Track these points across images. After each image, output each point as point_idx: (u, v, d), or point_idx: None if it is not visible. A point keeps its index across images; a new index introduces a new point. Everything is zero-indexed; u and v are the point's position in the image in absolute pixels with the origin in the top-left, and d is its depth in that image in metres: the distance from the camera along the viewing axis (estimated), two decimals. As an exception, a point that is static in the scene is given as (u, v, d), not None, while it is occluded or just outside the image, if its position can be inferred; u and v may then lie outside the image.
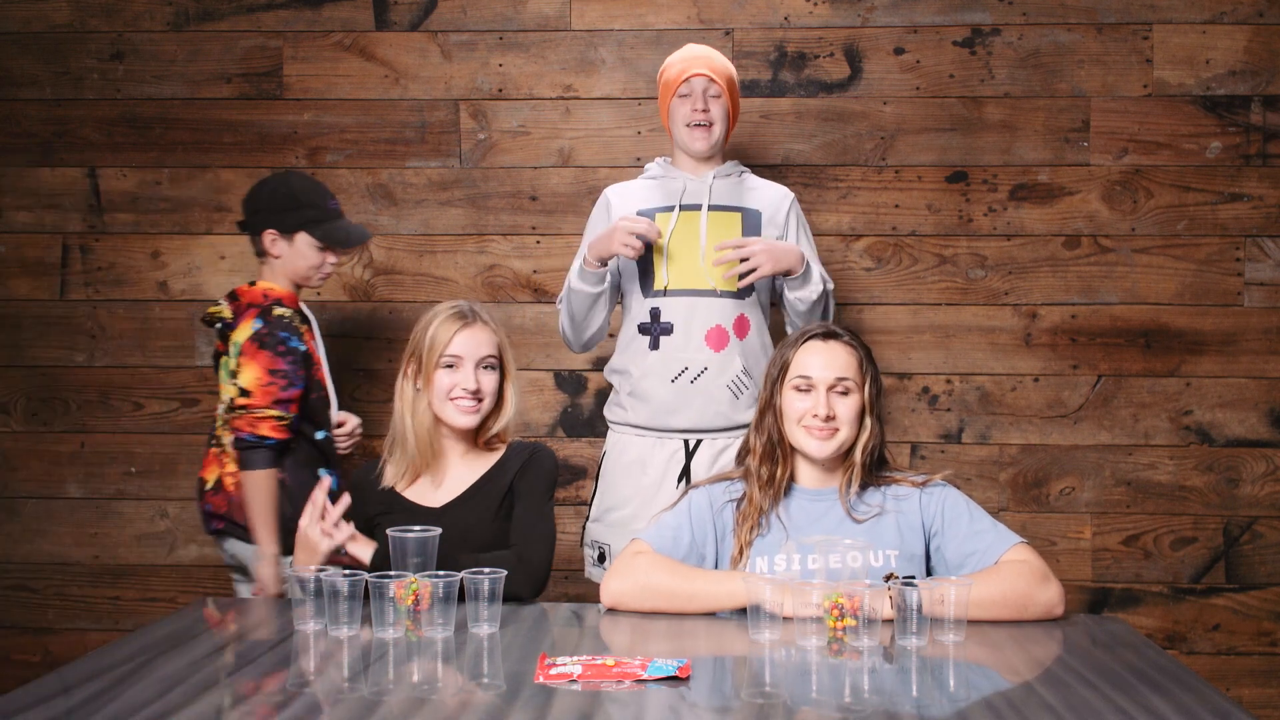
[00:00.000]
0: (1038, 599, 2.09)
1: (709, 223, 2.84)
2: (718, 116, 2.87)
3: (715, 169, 2.91)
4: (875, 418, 2.26)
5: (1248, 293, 3.38)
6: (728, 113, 2.89)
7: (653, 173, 2.97)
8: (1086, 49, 3.39)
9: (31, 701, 1.68)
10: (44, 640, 3.55)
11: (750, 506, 2.24)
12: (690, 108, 2.85)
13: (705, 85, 2.85)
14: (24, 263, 3.55)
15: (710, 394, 2.81)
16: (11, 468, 3.55)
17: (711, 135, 2.87)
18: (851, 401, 2.23)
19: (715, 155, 2.92)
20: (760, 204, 2.90)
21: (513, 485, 2.40)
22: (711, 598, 2.12)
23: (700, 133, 2.86)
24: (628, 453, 2.89)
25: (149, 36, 3.52)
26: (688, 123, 2.86)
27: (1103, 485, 3.40)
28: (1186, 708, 1.66)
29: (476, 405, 2.39)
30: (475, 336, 2.40)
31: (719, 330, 2.81)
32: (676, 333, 2.82)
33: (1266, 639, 3.39)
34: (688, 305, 2.82)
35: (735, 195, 2.91)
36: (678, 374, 2.81)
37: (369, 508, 2.42)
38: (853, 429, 2.24)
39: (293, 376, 2.76)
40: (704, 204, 2.86)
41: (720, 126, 2.88)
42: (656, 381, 2.83)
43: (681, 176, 2.91)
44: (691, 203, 2.87)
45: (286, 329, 2.80)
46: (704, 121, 2.85)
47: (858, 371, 2.25)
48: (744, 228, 2.86)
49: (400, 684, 1.77)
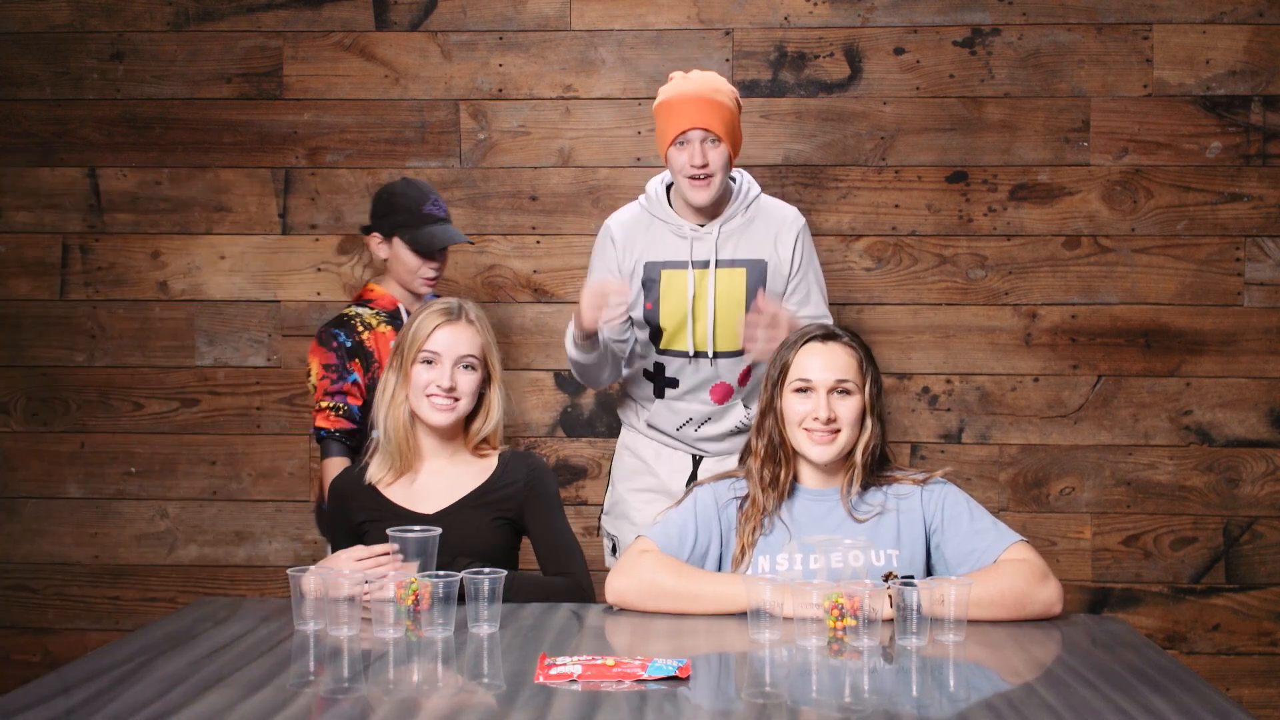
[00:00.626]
0: (1037, 598, 2.09)
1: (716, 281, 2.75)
2: (717, 166, 2.69)
3: (722, 217, 2.77)
4: (876, 418, 2.26)
5: (1248, 293, 3.38)
6: (728, 157, 2.72)
7: (654, 209, 2.82)
8: (1086, 49, 3.39)
9: (31, 701, 1.68)
10: (44, 640, 3.55)
11: (753, 508, 2.23)
12: (688, 160, 2.67)
13: (703, 136, 2.67)
14: (24, 263, 3.55)
15: (715, 435, 2.85)
16: (11, 468, 3.56)
17: (711, 186, 2.70)
18: (852, 403, 2.23)
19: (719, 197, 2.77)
20: (765, 249, 2.78)
21: (515, 503, 2.39)
22: (715, 599, 2.12)
23: (700, 186, 2.70)
24: (639, 451, 2.91)
25: (149, 36, 3.52)
26: (686, 175, 2.69)
27: (1103, 485, 3.40)
28: (1186, 708, 1.66)
29: (452, 404, 2.35)
30: (457, 335, 2.37)
31: (722, 386, 2.81)
32: (681, 388, 2.82)
33: (1266, 639, 3.39)
34: (693, 368, 2.80)
35: (742, 244, 2.77)
36: (682, 424, 2.84)
37: (356, 514, 2.39)
38: (854, 431, 2.23)
39: (340, 370, 2.83)
40: (712, 260, 2.75)
41: (721, 176, 2.71)
42: (663, 423, 2.87)
43: (685, 229, 2.77)
44: (700, 259, 2.76)
45: (341, 325, 2.87)
46: (702, 175, 2.68)
47: (858, 373, 2.24)
48: (749, 283, 2.75)
49: (400, 684, 1.77)
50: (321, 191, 3.50)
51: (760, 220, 2.80)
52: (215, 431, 3.52)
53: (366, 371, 2.86)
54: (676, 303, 2.75)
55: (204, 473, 3.52)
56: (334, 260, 3.50)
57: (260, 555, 3.52)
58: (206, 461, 3.52)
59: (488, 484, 2.39)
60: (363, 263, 3.47)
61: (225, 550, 3.53)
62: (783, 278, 2.80)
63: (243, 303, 3.52)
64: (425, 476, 2.41)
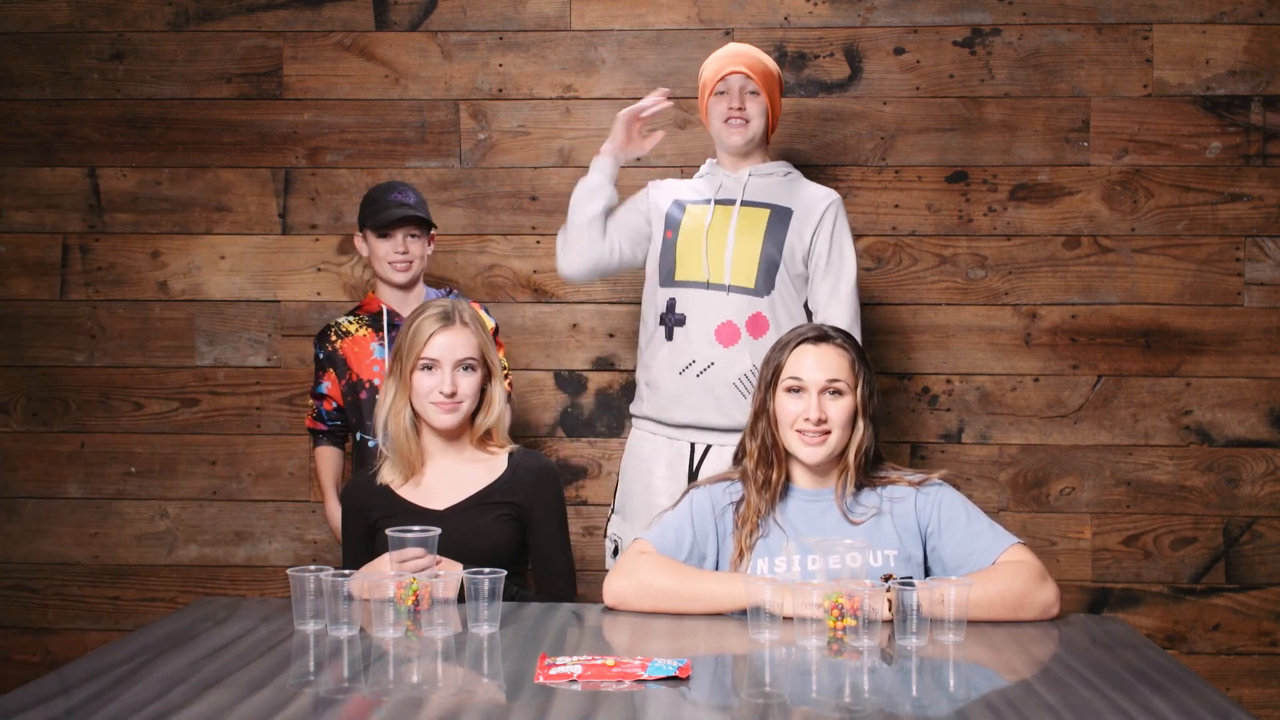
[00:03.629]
0: (1034, 599, 2.09)
1: (741, 221, 2.86)
2: (755, 113, 2.88)
3: (753, 166, 2.94)
4: (868, 420, 2.25)
5: (1248, 293, 3.38)
6: (766, 110, 2.90)
7: (700, 172, 3.02)
8: (1086, 49, 3.39)
9: (31, 701, 1.68)
10: (44, 640, 3.55)
11: (748, 510, 2.24)
12: (726, 105, 2.88)
13: (742, 83, 2.87)
14: (24, 263, 3.55)
15: (714, 391, 2.81)
16: (11, 468, 3.56)
17: (748, 131, 2.88)
18: (844, 404, 2.23)
19: (755, 152, 2.94)
20: (796, 203, 2.89)
21: (523, 504, 2.42)
22: (713, 599, 2.12)
23: (737, 128, 2.88)
24: (641, 450, 2.92)
25: (149, 36, 3.52)
26: (724, 119, 2.89)
27: (1103, 485, 3.40)
28: (1186, 708, 1.66)
29: (455, 406, 2.40)
30: (453, 339, 2.41)
31: (729, 326, 2.81)
32: (689, 324, 2.83)
33: (1266, 639, 3.39)
34: (702, 298, 2.83)
35: (772, 193, 2.91)
36: (685, 366, 2.82)
37: (370, 513, 2.43)
38: (845, 432, 2.23)
39: (316, 377, 3.11)
40: (737, 199, 2.88)
41: (758, 122, 2.89)
42: (665, 372, 2.85)
43: (720, 174, 2.94)
44: (726, 197, 2.90)
45: (321, 336, 3.10)
46: (740, 119, 2.87)
47: (850, 373, 2.24)
48: (770, 224, 2.86)
49: (400, 684, 1.77)
50: (321, 191, 3.50)
51: (796, 183, 2.97)
52: (215, 431, 3.52)
53: (341, 378, 3.06)
54: (694, 230, 2.87)
55: (204, 473, 3.53)
56: (334, 260, 3.50)
57: (260, 555, 3.52)
58: (206, 461, 3.52)
59: (497, 482, 2.43)
60: (362, 263, 3.48)
61: (225, 550, 3.53)
62: (807, 237, 2.87)
63: (243, 303, 3.52)
64: (434, 474, 2.45)
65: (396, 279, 3.02)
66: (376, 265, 3.04)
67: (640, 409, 2.95)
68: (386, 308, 3.05)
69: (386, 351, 2.99)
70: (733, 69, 2.88)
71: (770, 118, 2.93)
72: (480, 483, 2.43)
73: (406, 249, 3.00)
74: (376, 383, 3.00)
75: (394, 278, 3.02)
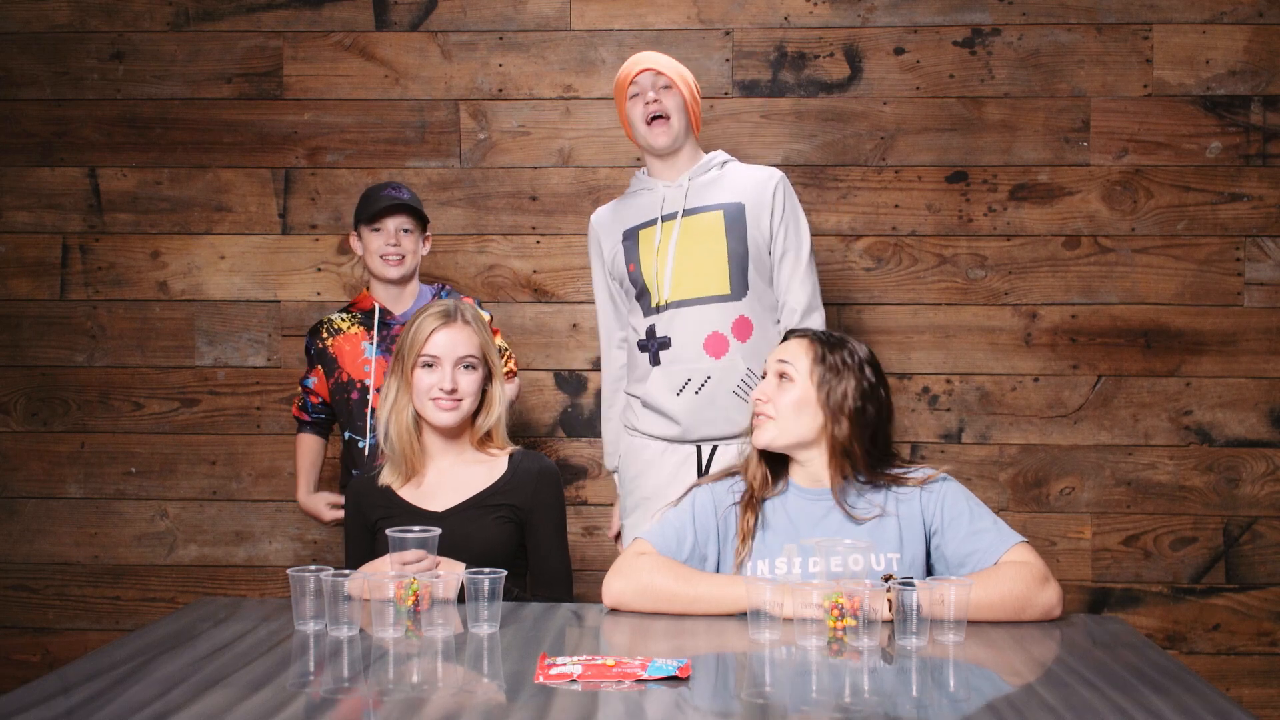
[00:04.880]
0: (1036, 602, 2.09)
1: (688, 228, 2.79)
2: (673, 108, 2.80)
3: (691, 169, 2.85)
4: (847, 417, 2.22)
5: (1248, 293, 3.38)
6: (684, 105, 2.82)
7: (632, 188, 2.93)
8: (1086, 49, 3.39)
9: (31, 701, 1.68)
10: (44, 640, 3.55)
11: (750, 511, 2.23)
12: (642, 104, 2.80)
13: (652, 79, 2.81)
14: (24, 263, 3.55)
15: (718, 403, 2.78)
16: (11, 468, 3.56)
17: (671, 128, 2.80)
18: (790, 390, 2.21)
19: (684, 150, 2.85)
20: (743, 195, 2.82)
21: (523, 505, 2.41)
22: (713, 602, 2.12)
23: (659, 126, 2.80)
24: (644, 454, 2.87)
25: (149, 36, 3.52)
26: (644, 119, 2.81)
27: (1103, 485, 3.40)
28: (1186, 708, 1.66)
29: (455, 404, 2.39)
30: (453, 337, 2.40)
31: (716, 336, 2.78)
32: (675, 345, 2.79)
33: (1266, 639, 3.39)
34: (682, 316, 2.78)
35: (716, 192, 2.83)
36: (681, 386, 2.79)
37: (371, 512, 2.43)
38: (796, 420, 2.21)
39: (306, 370, 3.12)
40: (680, 210, 2.80)
41: (679, 118, 2.80)
42: (664, 396, 2.80)
43: (659, 186, 2.86)
44: (670, 211, 2.82)
45: (313, 332, 3.10)
46: (659, 113, 2.79)
47: (811, 361, 2.23)
48: (727, 225, 2.79)
49: (400, 684, 1.77)
50: (321, 191, 3.50)
51: (736, 173, 2.89)
52: (215, 431, 3.52)
53: (330, 376, 3.06)
54: (653, 252, 2.81)
55: (204, 473, 3.53)
56: (334, 260, 3.50)
57: (260, 555, 3.52)
58: (206, 461, 3.52)
59: (497, 484, 2.42)
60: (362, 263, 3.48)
61: (225, 550, 3.53)
62: (765, 225, 2.82)
63: (243, 303, 3.52)
64: (435, 475, 2.44)
65: (389, 273, 2.99)
66: (369, 260, 3.02)
67: (642, 426, 2.87)
68: (379, 305, 3.03)
69: (377, 351, 2.99)
70: (641, 67, 2.83)
71: (690, 115, 2.84)
72: (481, 484, 2.42)
73: (398, 241, 2.98)
74: (368, 383, 2.99)
75: (386, 272, 2.99)
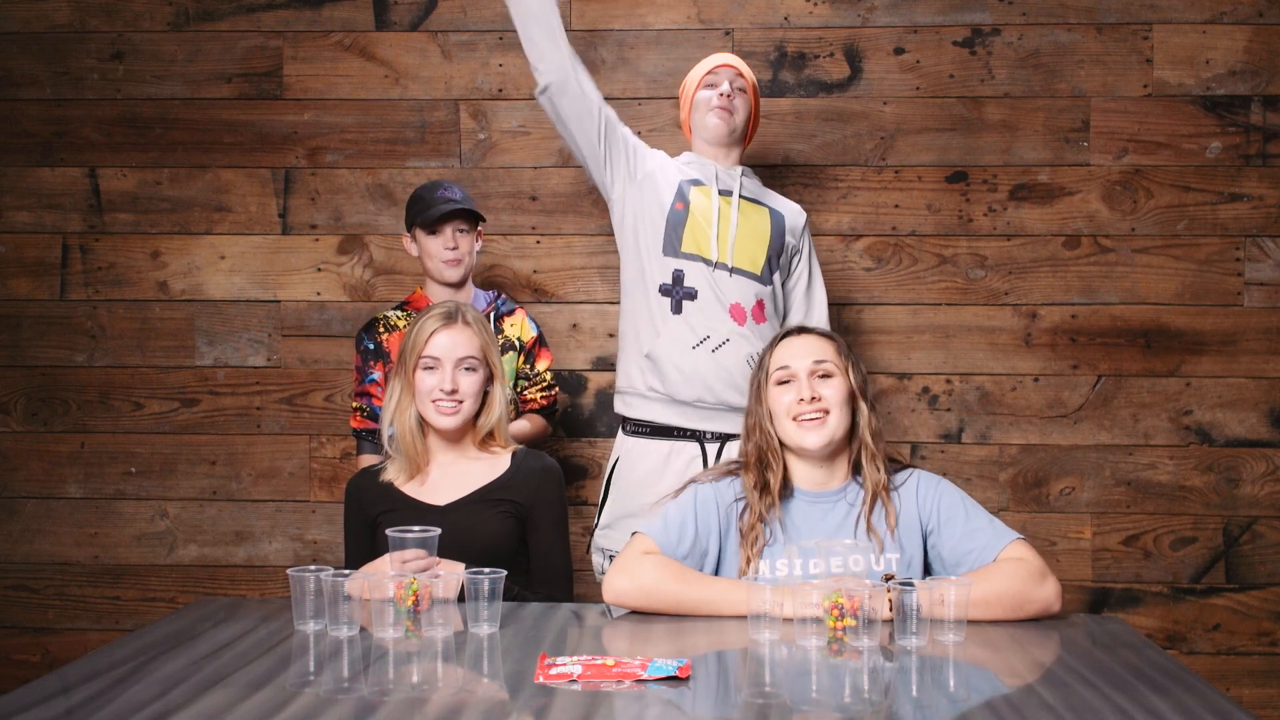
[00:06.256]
0: (1035, 598, 2.09)
1: (744, 209, 2.88)
2: (739, 107, 2.89)
3: (742, 166, 2.94)
4: (869, 404, 2.26)
5: (1248, 293, 3.38)
6: (749, 112, 2.92)
7: (686, 158, 2.96)
8: (1086, 49, 3.39)
9: (31, 701, 1.68)
10: (44, 640, 3.55)
11: (751, 516, 2.23)
12: (716, 93, 2.87)
13: (732, 77, 2.88)
14: (24, 263, 3.55)
15: (728, 367, 2.76)
16: (11, 468, 3.55)
17: (733, 120, 2.87)
18: (836, 384, 2.24)
19: (731, 151, 2.92)
20: (784, 210, 2.95)
21: (524, 502, 2.42)
22: (715, 606, 2.11)
23: (723, 113, 2.86)
24: (645, 461, 2.81)
25: (149, 36, 3.52)
26: (711, 105, 2.87)
27: (1103, 485, 3.40)
28: (1186, 708, 1.66)
29: (456, 406, 2.40)
30: (454, 338, 2.41)
31: (739, 308, 2.80)
32: (701, 299, 2.79)
33: (1266, 639, 3.39)
34: (712, 276, 2.81)
35: (763, 195, 2.97)
36: (699, 341, 2.77)
37: (372, 508, 2.44)
38: (843, 413, 2.23)
39: (362, 371, 2.99)
40: (735, 190, 2.88)
41: (741, 117, 2.89)
42: (675, 347, 2.78)
43: (713, 165, 2.92)
44: (725, 188, 2.89)
45: (368, 328, 3.02)
46: (728, 107, 2.87)
47: (837, 356, 2.27)
48: (771, 221, 2.90)
49: (400, 684, 1.77)
50: (321, 191, 3.50)
51: (773, 194, 3.01)
52: (215, 431, 3.52)
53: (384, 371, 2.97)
54: (706, 209, 2.85)
55: (204, 473, 3.53)
56: (334, 260, 3.50)
57: (260, 555, 3.52)
58: (206, 461, 3.52)
59: (500, 479, 2.43)
60: (363, 263, 3.48)
61: (225, 550, 3.53)
62: (792, 245, 2.94)
63: (243, 303, 3.52)
64: (437, 471, 2.46)
65: (449, 276, 2.98)
66: (428, 263, 3.00)
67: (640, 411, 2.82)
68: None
69: None
70: (725, 63, 2.91)
71: (749, 124, 2.94)
72: (483, 479, 2.43)
73: (456, 244, 2.97)
74: None
75: (447, 275, 2.98)
